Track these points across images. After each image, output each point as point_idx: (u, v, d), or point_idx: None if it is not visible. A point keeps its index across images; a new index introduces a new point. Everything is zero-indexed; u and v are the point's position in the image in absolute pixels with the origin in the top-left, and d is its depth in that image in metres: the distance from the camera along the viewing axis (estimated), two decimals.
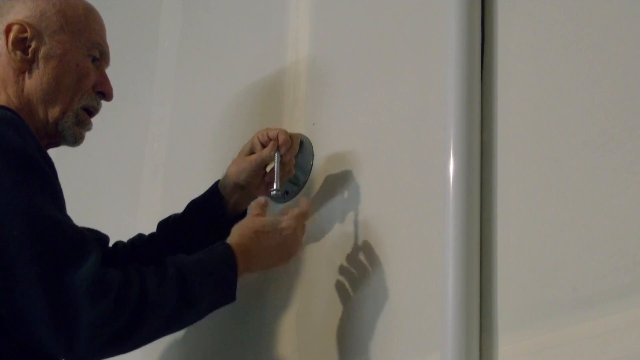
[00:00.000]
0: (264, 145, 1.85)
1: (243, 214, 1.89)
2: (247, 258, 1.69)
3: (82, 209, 2.42)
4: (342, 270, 1.79)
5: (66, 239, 1.52)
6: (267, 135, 1.84)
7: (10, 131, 1.56)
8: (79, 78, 1.75)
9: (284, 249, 1.75)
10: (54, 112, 1.73)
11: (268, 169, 1.86)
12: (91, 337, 1.47)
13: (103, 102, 1.83)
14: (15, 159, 1.54)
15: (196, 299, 1.60)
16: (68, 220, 1.57)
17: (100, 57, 1.80)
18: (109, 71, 1.84)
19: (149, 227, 2.19)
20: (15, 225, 1.49)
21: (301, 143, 1.94)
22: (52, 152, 1.79)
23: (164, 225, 1.92)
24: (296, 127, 1.97)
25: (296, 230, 1.76)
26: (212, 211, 1.86)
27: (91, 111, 1.79)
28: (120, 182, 2.40)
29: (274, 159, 1.83)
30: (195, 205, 1.90)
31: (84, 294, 1.47)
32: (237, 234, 1.73)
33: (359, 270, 1.76)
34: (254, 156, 1.85)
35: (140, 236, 1.92)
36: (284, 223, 1.75)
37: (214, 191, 1.88)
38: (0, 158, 1.52)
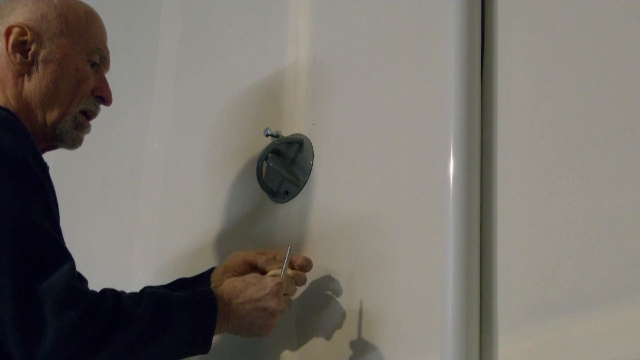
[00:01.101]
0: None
1: None
2: (227, 305, 1.65)
3: (82, 209, 2.42)
4: (341, 270, 1.79)
5: (43, 246, 1.51)
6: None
7: (6, 133, 1.55)
8: (77, 82, 1.74)
9: (265, 304, 1.69)
10: (52, 116, 1.72)
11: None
12: (54, 348, 1.46)
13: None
14: (6, 161, 1.53)
15: (168, 327, 1.56)
16: (51, 228, 1.55)
17: (99, 62, 1.78)
18: (109, 71, 1.84)
19: (148, 228, 2.19)
20: None
21: (301, 143, 1.94)
22: (52, 152, 1.79)
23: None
24: (296, 127, 1.97)
25: (279, 286, 1.71)
26: None
27: (89, 115, 1.79)
28: (120, 182, 2.40)
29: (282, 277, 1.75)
30: (182, 285, 1.85)
31: (52, 302, 1.46)
32: (223, 283, 1.70)
33: (359, 270, 1.76)
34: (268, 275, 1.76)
35: (121, 294, 1.90)
36: (269, 279, 1.72)
37: (205, 278, 1.85)
38: None
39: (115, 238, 2.33)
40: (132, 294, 1.60)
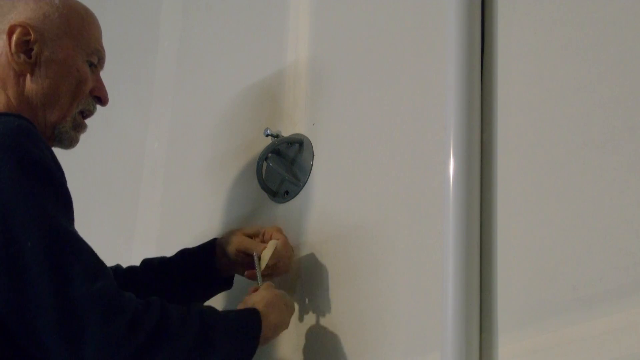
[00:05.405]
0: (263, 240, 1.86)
1: (225, 281, 1.89)
2: (269, 324, 1.68)
3: (82, 209, 2.42)
4: (342, 270, 1.79)
5: (81, 253, 1.50)
6: (270, 235, 1.84)
7: (29, 142, 1.54)
8: (78, 83, 1.74)
9: (285, 298, 1.75)
10: (52, 116, 1.72)
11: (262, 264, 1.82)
12: (98, 354, 1.45)
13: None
14: (32, 170, 1.52)
15: (213, 347, 1.56)
16: (78, 233, 1.56)
17: (97, 62, 1.79)
18: (109, 71, 1.84)
19: (148, 228, 2.19)
20: (30, 236, 1.48)
21: (301, 143, 1.94)
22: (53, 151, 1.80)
23: (148, 263, 1.91)
24: (296, 127, 1.97)
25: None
26: (201, 264, 1.86)
27: (86, 114, 1.78)
28: (120, 182, 2.40)
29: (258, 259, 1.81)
30: (185, 257, 1.88)
31: (98, 309, 1.45)
32: (261, 302, 1.71)
33: (359, 270, 1.76)
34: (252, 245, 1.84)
35: (117, 267, 1.90)
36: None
37: (209, 251, 1.87)
38: (17, 169, 1.51)
39: (115, 238, 2.33)
40: (179, 307, 1.57)
